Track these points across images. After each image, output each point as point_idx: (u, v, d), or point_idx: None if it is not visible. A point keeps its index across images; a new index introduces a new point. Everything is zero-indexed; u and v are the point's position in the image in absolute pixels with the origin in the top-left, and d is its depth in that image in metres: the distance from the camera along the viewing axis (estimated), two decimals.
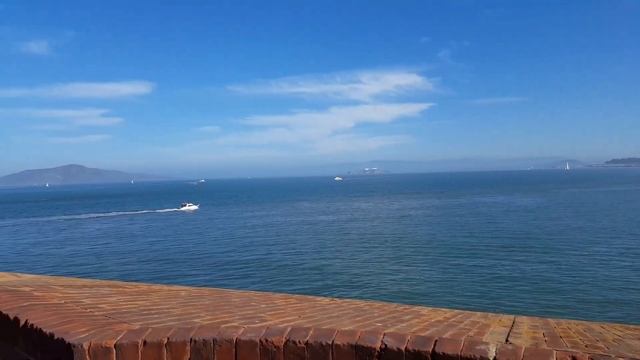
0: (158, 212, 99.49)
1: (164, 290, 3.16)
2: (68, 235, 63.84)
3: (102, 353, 1.57)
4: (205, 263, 39.61)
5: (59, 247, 53.32)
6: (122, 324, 1.81)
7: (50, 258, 45.48)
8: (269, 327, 1.73)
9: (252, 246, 47.35)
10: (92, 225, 76.50)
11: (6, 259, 45.18)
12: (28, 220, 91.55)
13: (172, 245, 50.53)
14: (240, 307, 2.71)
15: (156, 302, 2.55)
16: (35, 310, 1.96)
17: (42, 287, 2.70)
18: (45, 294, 2.38)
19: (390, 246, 44.04)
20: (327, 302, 3.40)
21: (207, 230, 63.25)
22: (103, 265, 40.23)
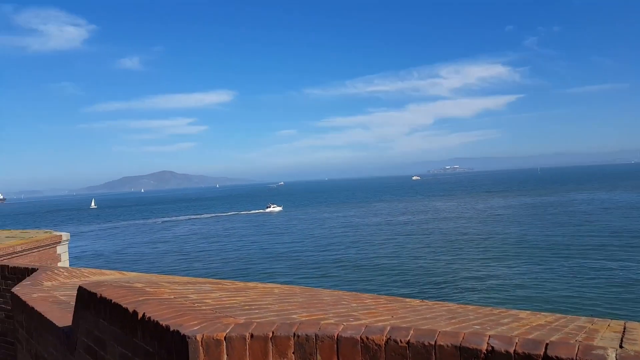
0: (245, 213, 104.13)
1: (259, 287, 3.30)
2: (163, 236, 68.67)
3: (214, 345, 1.67)
4: (290, 262, 40.68)
5: (155, 246, 57.55)
6: (228, 317, 1.92)
7: (148, 257, 49.22)
8: (368, 325, 1.73)
9: (332, 246, 47.81)
10: (185, 227, 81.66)
11: (109, 258, 49.63)
12: (128, 222, 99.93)
13: (259, 245, 52.47)
14: (332, 306, 2.74)
15: (254, 298, 2.66)
16: (151, 304, 2.13)
17: (151, 283, 2.93)
18: (156, 289, 2.57)
19: (476, 247, 42.25)
20: (418, 304, 3.34)
21: (291, 231, 64.90)
22: (196, 263, 42.78)
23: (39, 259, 22.57)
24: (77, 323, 2.81)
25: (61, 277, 5.59)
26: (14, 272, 6.15)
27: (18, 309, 4.39)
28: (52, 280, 5.29)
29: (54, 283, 5.20)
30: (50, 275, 5.48)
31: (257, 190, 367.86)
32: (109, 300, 2.32)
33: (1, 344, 6.33)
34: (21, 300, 4.16)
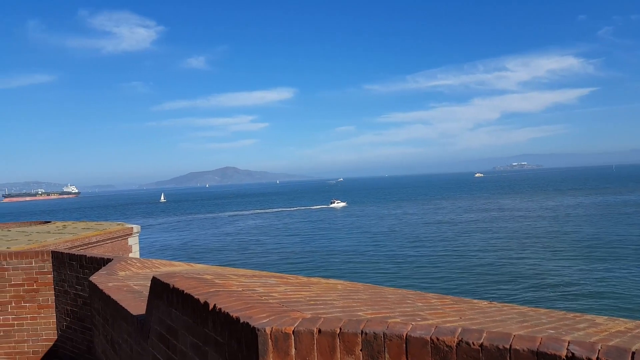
0: (309, 208, 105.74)
1: (322, 282, 3.31)
2: (228, 230, 71.05)
3: (282, 338, 1.68)
4: (351, 258, 40.73)
5: (219, 240, 59.67)
6: (295, 312, 1.93)
7: (212, 249, 51.13)
8: (438, 326, 1.68)
9: (393, 244, 47.31)
10: (250, 221, 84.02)
11: (176, 250, 52.02)
12: (194, 216, 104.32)
13: (322, 240, 52.96)
14: (397, 304, 2.70)
15: (318, 293, 2.67)
16: (221, 296, 2.19)
17: (219, 275, 3.02)
18: (224, 281, 2.65)
19: (544, 247, 40.17)
20: (487, 305, 3.21)
21: (355, 226, 64.97)
22: (259, 257, 43.91)
23: (112, 249, 24.09)
24: (150, 312, 2.95)
25: (134, 268, 5.92)
26: (90, 262, 6.59)
27: (95, 297, 4.69)
28: (125, 270, 5.62)
29: (128, 273, 5.51)
30: (124, 266, 5.82)
31: (317, 186, 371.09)
32: (181, 290, 2.41)
33: (79, 329, 6.81)
34: (98, 288, 4.44)
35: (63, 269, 7.04)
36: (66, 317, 7.01)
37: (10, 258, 7.36)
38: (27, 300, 7.34)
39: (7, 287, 7.34)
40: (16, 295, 7.35)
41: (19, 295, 7.35)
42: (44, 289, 7.33)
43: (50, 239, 22.99)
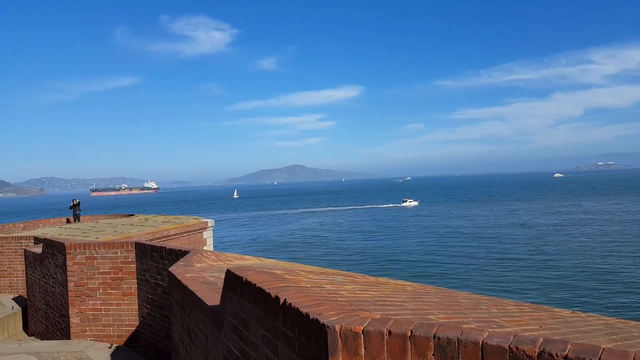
0: (380, 207, 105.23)
1: (390, 283, 3.26)
2: (297, 226, 72.37)
3: (352, 337, 1.67)
4: (421, 259, 39.95)
5: (287, 235, 60.93)
6: (364, 311, 1.91)
7: (280, 245, 52.31)
8: (518, 334, 1.59)
9: (465, 245, 45.76)
10: (320, 218, 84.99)
11: (246, 244, 53.79)
12: (262, 212, 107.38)
13: (393, 239, 52.47)
14: (471, 309, 2.59)
15: (387, 293, 2.63)
16: (291, 291, 2.22)
17: (289, 271, 3.07)
18: (294, 277, 2.69)
19: (634, 255, 36.91)
20: (569, 315, 3.00)
21: (427, 226, 63.69)
22: (326, 254, 44.30)
23: (188, 242, 25.35)
24: (224, 303, 3.06)
25: (209, 260, 6.20)
26: (169, 254, 6.97)
27: (174, 287, 4.96)
28: (201, 262, 5.89)
29: (203, 265, 5.77)
30: (200, 258, 6.10)
31: (383, 185, 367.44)
32: (253, 284, 2.48)
33: (159, 316, 7.24)
34: (176, 279, 4.69)
35: (145, 260, 7.52)
36: (147, 305, 7.48)
37: (99, 248, 7.99)
38: (113, 288, 7.93)
39: (95, 275, 7.97)
40: (104, 282, 7.96)
41: (106, 282, 7.95)
42: (128, 278, 7.87)
43: (134, 230, 24.64)
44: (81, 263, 7.97)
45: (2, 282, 13.54)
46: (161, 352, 7.03)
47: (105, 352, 6.84)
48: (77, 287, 7.97)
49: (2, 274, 13.56)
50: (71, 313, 7.95)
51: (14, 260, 13.46)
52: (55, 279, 8.64)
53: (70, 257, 7.94)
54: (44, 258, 9.25)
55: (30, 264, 10.27)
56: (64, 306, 8.26)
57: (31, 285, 10.25)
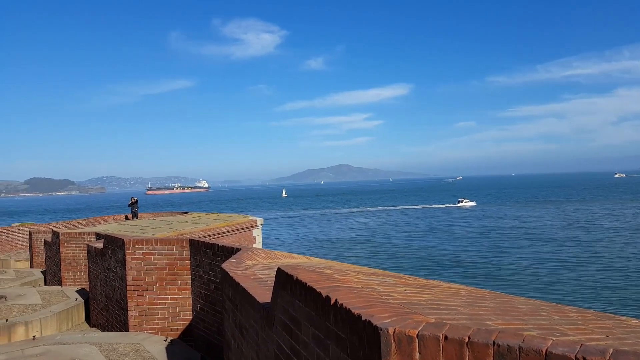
0: (435, 207, 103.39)
1: (443, 286, 3.18)
2: (343, 226, 72.36)
3: (406, 341, 1.64)
4: (474, 261, 38.89)
5: (334, 235, 61.04)
6: (417, 314, 1.87)
7: (327, 244, 52.47)
8: (584, 344, 1.49)
9: (521, 248, 44.03)
10: (367, 219, 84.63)
11: (293, 243, 54.33)
12: (309, 212, 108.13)
13: (444, 241, 51.39)
14: (530, 315, 2.48)
15: (440, 297, 2.56)
16: (341, 291, 2.21)
17: (339, 271, 3.06)
18: (344, 277, 2.67)
19: None
20: (638, 324, 2.80)
21: (483, 228, 61.87)
22: (375, 255, 44.01)
23: (239, 239, 25.92)
24: (275, 301, 3.10)
25: (259, 258, 6.30)
26: (221, 250, 7.14)
27: (226, 283, 5.08)
28: (252, 260, 6.00)
29: (254, 262, 5.88)
30: (250, 255, 6.22)
31: (433, 184, 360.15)
32: (304, 283, 2.49)
33: (211, 311, 7.44)
34: (228, 275, 4.80)
35: (198, 256, 7.75)
36: (200, 300, 7.71)
37: (156, 244, 8.32)
38: (168, 282, 8.23)
39: (152, 270, 8.31)
40: (159, 277, 8.28)
41: (162, 277, 8.27)
42: (182, 273, 8.14)
43: (187, 228, 25.50)
44: (139, 258, 8.33)
45: (67, 275, 14.40)
46: (213, 346, 7.22)
47: (160, 344, 7.12)
48: (135, 282, 8.33)
49: (66, 267, 14.42)
50: (129, 306, 8.33)
51: (77, 254, 14.29)
52: (115, 273, 9.08)
53: (129, 253, 8.32)
54: (104, 253, 9.75)
55: (92, 258, 10.86)
56: (122, 299, 8.66)
57: (93, 279, 10.83)
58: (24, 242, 27.20)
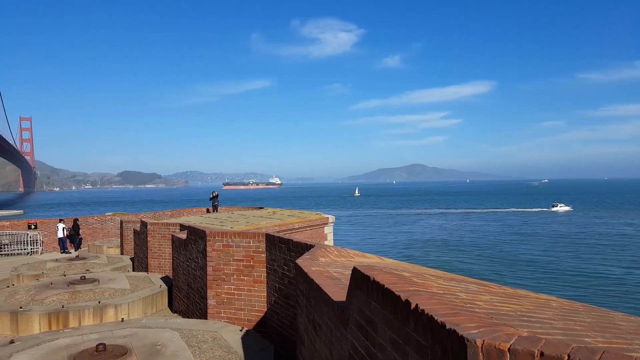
0: (526, 211, 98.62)
1: (531, 296, 2.96)
2: (417, 227, 70.93)
3: (496, 354, 1.52)
4: (565, 270, 36.47)
5: (408, 236, 59.95)
6: (507, 327, 1.74)
7: (398, 245, 51.66)
8: None
9: (622, 260, 40.52)
10: (442, 220, 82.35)
11: (362, 242, 54.06)
12: (380, 211, 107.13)
13: (532, 247, 48.68)
14: (634, 334, 2.23)
15: (530, 308, 2.38)
16: (422, 296, 2.12)
17: (417, 274, 2.95)
18: (423, 281, 2.57)
19: None
20: None
21: (578, 235, 57.91)
22: (450, 259, 42.63)
23: (310, 236, 26.25)
24: (350, 300, 3.06)
25: (332, 255, 6.32)
26: (296, 246, 7.25)
27: (300, 278, 5.13)
28: (325, 257, 6.02)
29: (327, 260, 5.90)
30: (324, 252, 6.25)
31: (515, 187, 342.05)
32: (381, 285, 2.43)
33: (284, 305, 7.58)
34: (303, 271, 4.84)
35: (274, 250, 7.94)
36: (274, 293, 7.89)
37: (234, 237, 8.64)
38: (245, 274, 8.51)
39: (231, 261, 8.64)
40: (237, 269, 8.59)
41: (239, 269, 8.58)
42: (258, 266, 8.39)
43: (263, 222, 26.27)
44: (219, 250, 8.70)
45: (153, 263, 15.41)
46: (286, 339, 7.36)
47: (236, 334, 7.37)
48: (214, 272, 8.72)
49: (152, 255, 15.43)
50: (209, 295, 8.73)
51: (163, 243, 15.24)
52: (197, 263, 9.56)
53: (210, 244, 8.72)
54: (187, 243, 10.29)
55: (176, 248, 11.52)
56: (202, 288, 9.10)
57: (176, 267, 11.49)
58: (115, 230, 29.56)
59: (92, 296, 10.84)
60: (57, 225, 27.75)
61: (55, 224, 28.21)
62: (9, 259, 25.43)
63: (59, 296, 10.70)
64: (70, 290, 11.10)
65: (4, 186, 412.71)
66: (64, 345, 6.76)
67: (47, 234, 28.62)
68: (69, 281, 12.14)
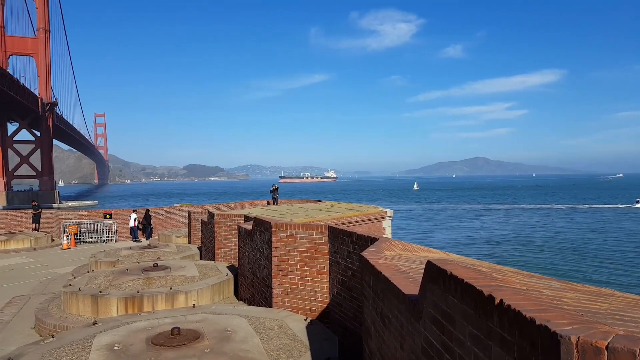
0: (604, 207, 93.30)
1: (617, 295, 2.82)
2: (480, 223, 68.73)
3: (592, 352, 1.48)
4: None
5: (469, 231, 58.26)
6: (601, 324, 1.68)
7: (459, 241, 50.28)
8: None
9: None
10: (507, 216, 79.31)
11: (421, 237, 53.09)
12: (439, 206, 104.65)
13: (623, 246, 45.87)
14: None
15: (619, 307, 2.28)
16: (505, 292, 2.09)
17: (496, 270, 2.90)
18: (503, 277, 2.53)
19: None
20: None
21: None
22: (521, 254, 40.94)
23: (368, 230, 26.16)
24: (423, 294, 3.06)
25: (397, 249, 6.30)
26: (359, 239, 7.29)
27: (366, 271, 5.16)
28: (390, 250, 6.02)
29: (392, 253, 5.89)
30: (388, 246, 6.24)
31: (586, 181, 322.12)
32: (460, 279, 2.41)
33: (348, 297, 7.65)
34: (369, 263, 4.87)
35: (336, 243, 8.03)
36: (337, 285, 7.99)
37: (298, 229, 8.83)
38: (308, 265, 8.69)
39: (294, 253, 8.85)
40: (301, 260, 8.78)
41: (302, 260, 8.76)
42: (321, 258, 8.52)
43: (321, 215, 26.50)
44: (283, 241, 8.93)
45: (219, 252, 16.05)
46: (349, 330, 7.44)
47: (301, 323, 7.55)
48: (279, 262, 8.96)
49: (219, 244, 16.07)
50: (274, 284, 8.99)
51: (228, 234, 15.83)
52: (262, 253, 9.86)
53: (274, 235, 8.97)
54: (253, 234, 10.63)
55: (242, 238, 11.93)
56: (268, 277, 9.38)
57: (242, 257, 11.90)
58: (183, 220, 31.02)
59: (164, 283, 11.48)
60: (130, 215, 29.60)
61: (129, 214, 30.10)
62: (87, 246, 27.46)
63: (134, 282, 11.43)
64: (144, 276, 11.82)
65: (81, 178, 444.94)
66: (142, 328, 7.23)
67: (120, 223, 30.57)
68: (143, 268, 12.93)
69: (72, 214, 31.39)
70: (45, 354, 6.00)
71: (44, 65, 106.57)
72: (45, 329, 10.15)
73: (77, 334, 6.98)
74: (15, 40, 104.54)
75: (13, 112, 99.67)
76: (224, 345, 6.35)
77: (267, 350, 6.26)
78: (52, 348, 6.25)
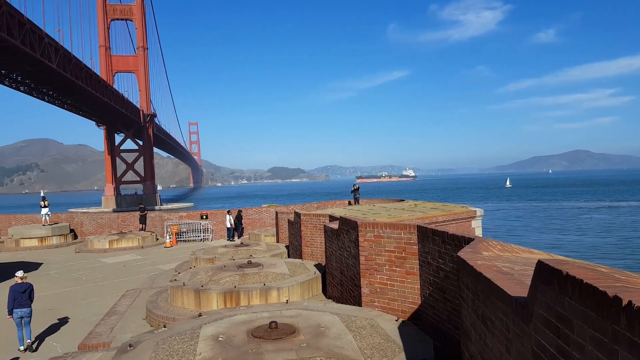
0: None
1: None
2: (583, 222, 63.62)
3: None
4: None
5: (568, 232, 54.12)
6: None
7: (560, 241, 46.82)
8: None
9: None
10: (616, 214, 72.79)
11: (517, 238, 50.10)
12: (537, 204, 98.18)
13: None
14: None
15: None
16: (634, 293, 1.95)
17: (616, 271, 2.70)
18: (627, 277, 2.35)
19: None
20: None
21: None
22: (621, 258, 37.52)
23: (456, 230, 25.22)
24: (534, 296, 2.93)
25: (495, 250, 6.05)
26: (451, 239, 7.08)
27: (464, 272, 5.02)
28: (488, 251, 5.79)
29: (490, 254, 5.67)
30: (486, 246, 6.02)
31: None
32: (579, 279, 2.28)
33: (441, 299, 7.48)
34: (467, 264, 4.73)
35: (426, 242, 7.88)
36: (428, 286, 7.84)
37: (385, 228, 8.80)
38: (397, 265, 8.62)
39: (382, 252, 8.82)
40: (389, 259, 8.74)
41: (391, 260, 8.71)
42: (410, 258, 8.41)
43: (405, 215, 26.10)
44: (370, 240, 8.94)
45: (306, 250, 16.45)
46: (442, 333, 7.27)
47: (392, 323, 7.52)
48: (367, 261, 8.99)
49: (306, 243, 16.48)
50: (362, 283, 9.04)
51: (314, 233, 16.18)
52: (349, 252, 9.96)
53: (361, 234, 9.01)
54: (339, 233, 10.77)
55: (328, 237, 12.13)
56: (356, 276, 9.45)
57: (329, 255, 12.11)
58: (270, 220, 32.20)
59: (258, 279, 12.02)
60: (226, 216, 31.43)
61: (223, 215, 31.95)
62: (186, 244, 29.53)
63: (231, 278, 12.10)
64: (240, 272, 12.46)
65: (178, 182, 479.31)
66: (242, 321, 7.64)
67: (215, 223, 32.48)
68: (238, 265, 13.63)
69: (173, 215, 33.98)
70: (160, 342, 6.57)
71: (144, 80, 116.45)
72: (155, 320, 11.10)
73: (185, 325, 7.57)
74: (120, 59, 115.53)
75: (120, 124, 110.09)
76: (318, 341, 6.51)
77: (361, 348, 6.32)
78: (164, 337, 6.83)
